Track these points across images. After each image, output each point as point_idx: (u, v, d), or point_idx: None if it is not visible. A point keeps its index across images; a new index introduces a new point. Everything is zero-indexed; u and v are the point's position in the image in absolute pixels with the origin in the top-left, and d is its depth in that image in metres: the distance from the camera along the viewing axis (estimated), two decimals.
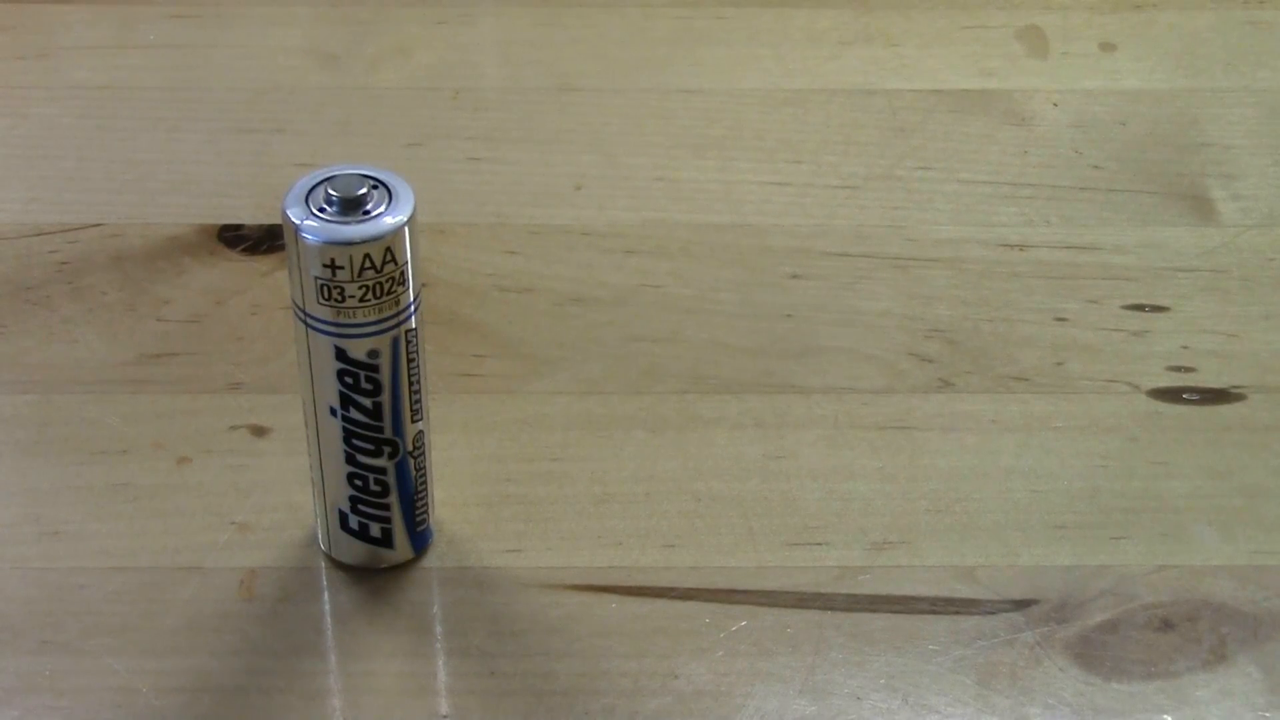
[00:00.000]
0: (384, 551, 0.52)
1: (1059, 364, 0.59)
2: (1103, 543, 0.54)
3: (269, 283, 0.61)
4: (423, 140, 0.68)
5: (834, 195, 0.65)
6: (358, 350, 0.49)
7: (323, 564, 0.53)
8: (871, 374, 0.59)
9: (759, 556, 0.53)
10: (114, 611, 0.52)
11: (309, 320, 0.48)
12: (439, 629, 0.52)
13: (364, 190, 0.48)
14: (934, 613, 0.52)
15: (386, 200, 0.48)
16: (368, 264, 0.47)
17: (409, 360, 0.49)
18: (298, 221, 0.47)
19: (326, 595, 0.52)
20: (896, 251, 0.63)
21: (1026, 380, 0.59)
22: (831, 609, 0.52)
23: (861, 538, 0.54)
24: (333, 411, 0.50)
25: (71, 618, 0.51)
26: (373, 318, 0.48)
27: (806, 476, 0.56)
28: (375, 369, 0.49)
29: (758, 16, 0.73)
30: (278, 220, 0.48)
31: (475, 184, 0.66)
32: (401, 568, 0.53)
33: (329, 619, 0.52)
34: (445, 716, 0.49)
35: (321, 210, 0.47)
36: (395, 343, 0.49)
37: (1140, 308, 0.61)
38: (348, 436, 0.50)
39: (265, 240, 0.63)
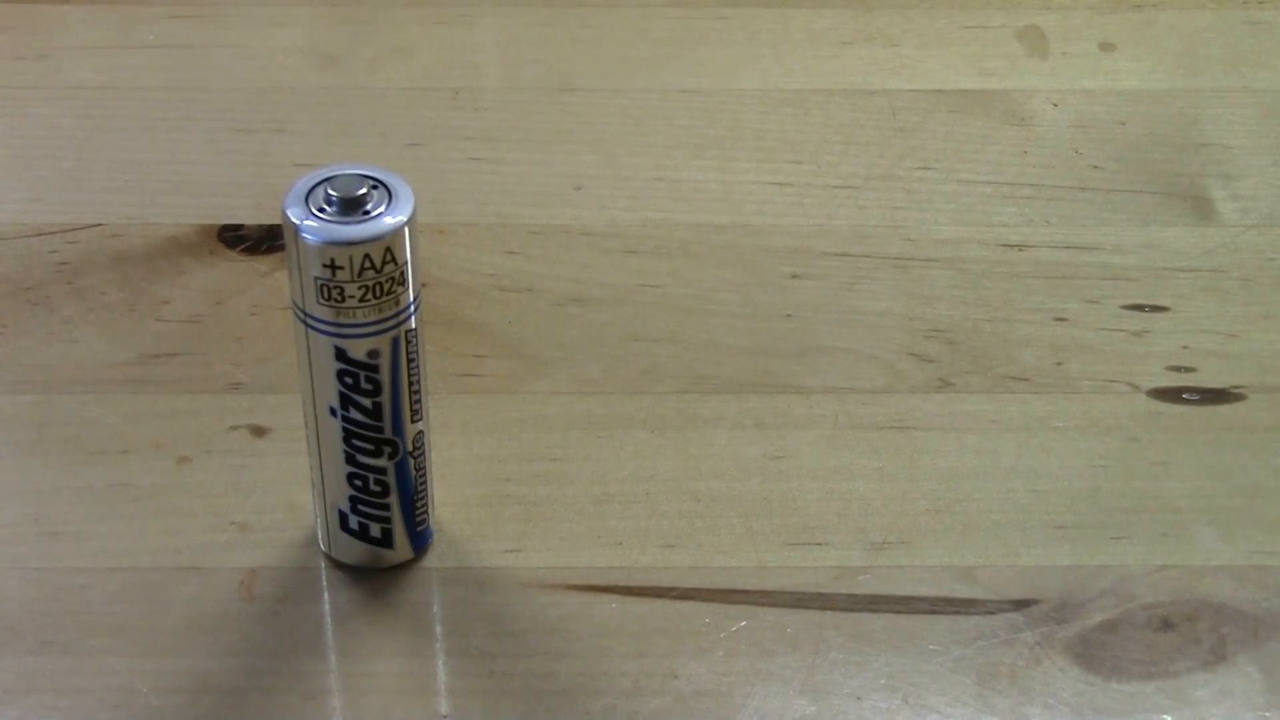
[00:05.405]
0: (384, 551, 0.52)
1: (1059, 364, 0.59)
2: (1103, 543, 0.54)
3: (269, 283, 0.61)
4: (423, 140, 0.68)
5: (834, 195, 0.65)
6: (358, 350, 0.49)
7: (323, 564, 0.53)
8: (871, 374, 0.59)
9: (759, 556, 0.53)
10: (114, 611, 0.52)
11: (309, 320, 0.48)
12: (439, 629, 0.52)
13: (364, 190, 0.48)
14: (934, 613, 0.52)
15: (386, 200, 0.48)
16: (368, 264, 0.47)
17: (409, 360, 0.49)
18: (298, 221, 0.47)
19: (326, 595, 0.52)
20: (896, 251, 0.63)
21: (1026, 380, 0.59)
22: (831, 609, 0.52)
23: (861, 538, 0.54)
24: (333, 411, 0.50)
25: (71, 618, 0.51)
26: (373, 318, 0.48)
27: (806, 476, 0.56)
28: (375, 369, 0.49)
29: (757, 16, 0.73)
30: (278, 220, 0.48)
31: (475, 184, 0.66)
32: (401, 568, 0.53)
33: (329, 619, 0.52)
34: (445, 716, 0.49)
35: (321, 210, 0.47)
36: (395, 343, 0.49)
37: (1140, 308, 0.61)
38: (348, 436, 0.50)
39: (265, 240, 0.63)
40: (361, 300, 0.48)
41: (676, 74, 0.71)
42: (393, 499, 0.51)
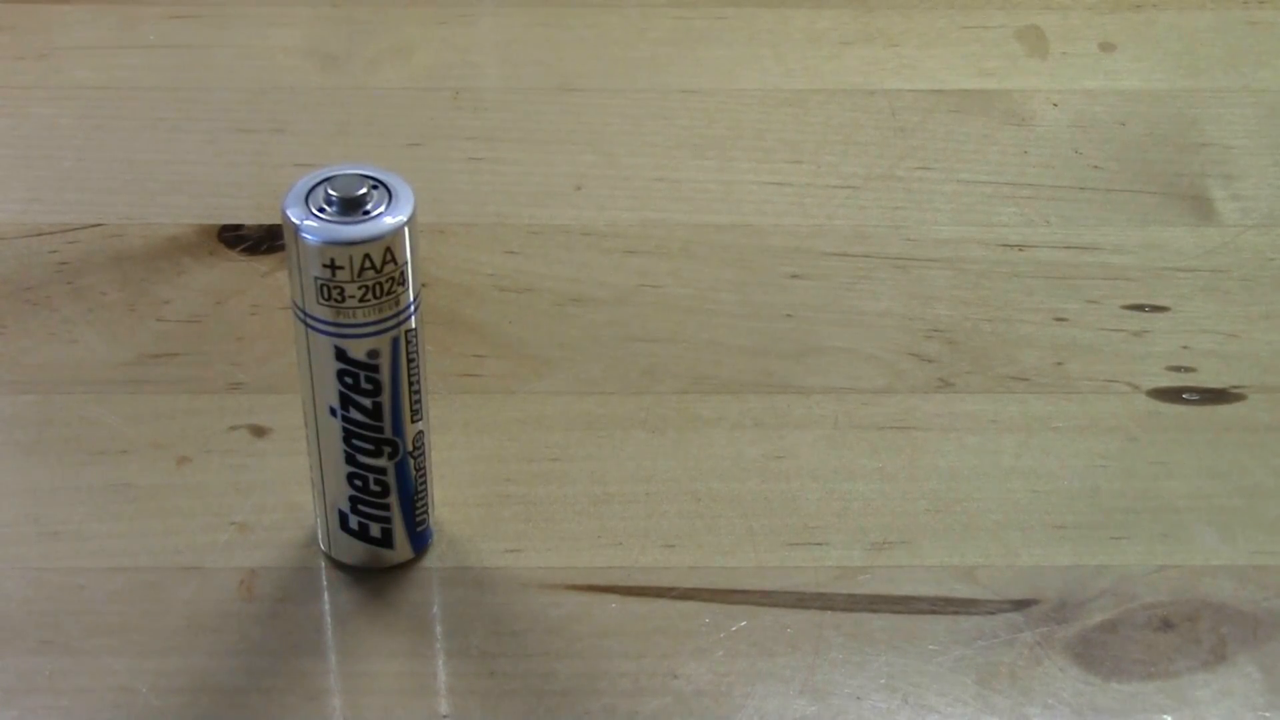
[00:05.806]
0: (384, 551, 0.52)
1: (1059, 364, 0.59)
2: (1103, 543, 0.54)
3: (269, 283, 0.61)
4: (423, 140, 0.68)
5: (834, 195, 0.65)
6: (358, 350, 0.49)
7: (323, 564, 0.53)
8: (871, 374, 0.59)
9: (759, 556, 0.53)
10: (114, 611, 0.52)
11: (309, 320, 0.48)
12: (439, 629, 0.52)
13: (364, 190, 0.48)
14: (934, 613, 0.52)
15: (386, 200, 0.48)
16: (368, 264, 0.47)
17: (409, 360, 0.49)
18: (298, 221, 0.47)
19: (326, 595, 0.52)
20: (896, 251, 0.63)
21: (1026, 380, 0.59)
22: (831, 609, 0.52)
23: (861, 538, 0.54)
24: (333, 411, 0.50)
25: (71, 618, 0.51)
26: (373, 318, 0.48)
27: (806, 476, 0.56)
28: (375, 369, 0.49)
29: (758, 16, 0.73)
30: (278, 220, 0.48)
31: (475, 184, 0.66)
32: (401, 568, 0.53)
33: (329, 619, 0.52)
34: (445, 716, 0.49)
35: (321, 210, 0.47)
36: (395, 343, 0.49)
37: (1140, 308, 0.61)
38: (348, 436, 0.50)
39: (265, 240, 0.63)
40: (361, 300, 0.48)
41: (676, 74, 0.71)
42: (393, 499, 0.51)
